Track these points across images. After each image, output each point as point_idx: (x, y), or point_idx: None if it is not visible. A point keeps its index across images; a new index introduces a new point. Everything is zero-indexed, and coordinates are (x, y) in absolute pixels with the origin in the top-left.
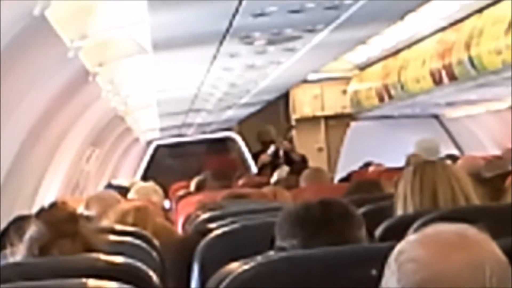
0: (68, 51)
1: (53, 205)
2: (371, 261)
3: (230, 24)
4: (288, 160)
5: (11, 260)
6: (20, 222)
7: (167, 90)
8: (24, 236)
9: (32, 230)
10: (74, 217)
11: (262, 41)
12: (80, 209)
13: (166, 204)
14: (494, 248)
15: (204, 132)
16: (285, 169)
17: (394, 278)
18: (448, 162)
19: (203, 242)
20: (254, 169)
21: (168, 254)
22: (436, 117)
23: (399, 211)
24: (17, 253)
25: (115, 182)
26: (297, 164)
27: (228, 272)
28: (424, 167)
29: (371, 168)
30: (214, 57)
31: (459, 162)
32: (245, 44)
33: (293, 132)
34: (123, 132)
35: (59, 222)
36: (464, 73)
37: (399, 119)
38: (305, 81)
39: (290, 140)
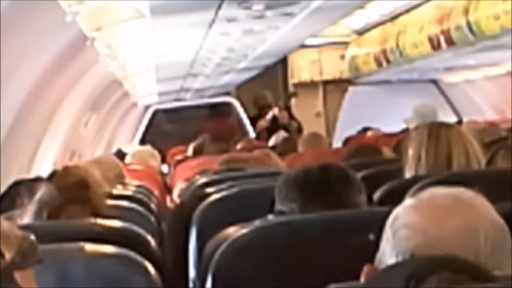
0: (65, 16)
1: (65, 169)
2: (369, 226)
3: None
4: (285, 130)
5: (19, 222)
6: (30, 183)
7: (165, 55)
8: (34, 197)
9: (42, 193)
10: (85, 183)
11: (260, 5)
12: None
13: (164, 168)
14: (489, 212)
15: (202, 97)
16: (282, 134)
17: (389, 244)
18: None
19: (200, 207)
20: (252, 133)
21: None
22: (434, 82)
23: (409, 173)
24: (25, 215)
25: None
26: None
27: (226, 237)
28: (439, 129)
29: (368, 133)
30: (212, 21)
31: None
32: (243, 9)
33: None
34: (121, 97)
35: (71, 187)
36: (462, 38)
37: (397, 84)
38: (303, 46)
39: (289, 109)
